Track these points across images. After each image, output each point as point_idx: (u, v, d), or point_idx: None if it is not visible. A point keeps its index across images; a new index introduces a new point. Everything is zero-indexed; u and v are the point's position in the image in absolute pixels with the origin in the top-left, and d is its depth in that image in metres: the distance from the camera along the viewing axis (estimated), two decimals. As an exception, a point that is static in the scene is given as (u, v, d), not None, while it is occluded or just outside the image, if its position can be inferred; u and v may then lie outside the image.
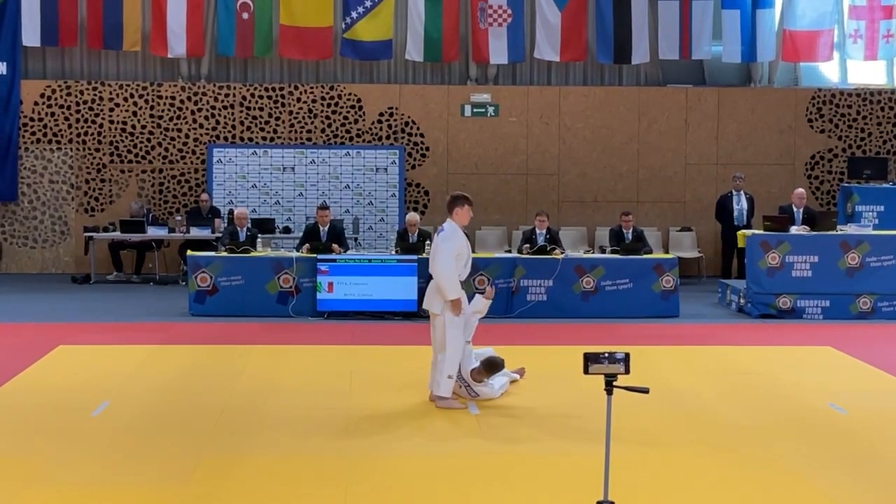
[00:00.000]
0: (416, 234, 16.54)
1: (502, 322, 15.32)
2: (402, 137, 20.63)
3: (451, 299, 10.23)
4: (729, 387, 11.26)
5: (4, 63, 20.12)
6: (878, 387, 11.46)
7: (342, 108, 20.57)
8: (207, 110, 20.48)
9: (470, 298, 10.71)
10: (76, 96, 20.37)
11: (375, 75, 21.09)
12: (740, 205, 19.18)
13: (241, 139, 20.46)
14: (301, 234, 17.26)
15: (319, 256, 15.73)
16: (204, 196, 19.42)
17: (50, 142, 20.37)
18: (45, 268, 20.43)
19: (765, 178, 20.72)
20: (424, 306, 10.62)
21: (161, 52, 20.28)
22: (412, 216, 16.95)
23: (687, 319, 15.67)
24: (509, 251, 18.29)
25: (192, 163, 20.50)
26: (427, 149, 20.70)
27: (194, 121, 20.48)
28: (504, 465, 8.47)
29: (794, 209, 17.53)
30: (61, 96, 20.35)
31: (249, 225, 17.16)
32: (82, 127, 20.37)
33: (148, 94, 20.45)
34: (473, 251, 18.41)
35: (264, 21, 20.27)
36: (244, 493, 7.75)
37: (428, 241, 16.26)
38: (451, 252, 10.33)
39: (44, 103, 20.34)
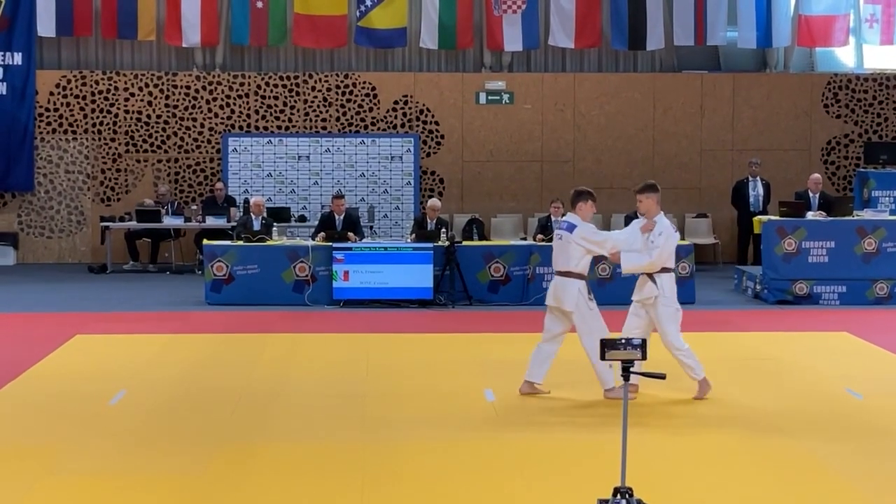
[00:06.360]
0: (434, 222, 16.50)
1: (518, 309, 15.33)
2: (417, 125, 20.61)
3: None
4: (745, 373, 11.24)
5: (20, 53, 20.15)
6: (894, 372, 11.42)
7: (357, 96, 20.56)
8: (222, 99, 20.50)
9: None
10: (91, 86, 20.40)
11: (390, 63, 21.07)
12: (756, 191, 19.11)
13: (256, 128, 20.47)
14: (316, 223, 17.27)
15: (335, 245, 15.73)
16: (219, 185, 19.44)
17: (66, 132, 20.41)
18: (61, 258, 20.49)
19: (781, 164, 20.65)
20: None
21: (176, 42, 20.29)
22: (434, 202, 16.88)
23: (703, 306, 15.63)
24: (525, 238, 18.26)
25: (207, 152, 20.52)
26: (442, 136, 20.68)
27: (209, 110, 20.50)
28: (521, 451, 8.48)
29: (811, 195, 17.48)
30: (76, 86, 20.38)
31: (265, 214, 17.19)
32: (98, 117, 20.40)
33: (163, 84, 20.47)
34: (488, 239, 18.48)
35: (279, 10, 20.25)
36: (261, 481, 7.78)
37: (444, 230, 16.25)
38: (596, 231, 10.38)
39: (59, 93, 20.37)
